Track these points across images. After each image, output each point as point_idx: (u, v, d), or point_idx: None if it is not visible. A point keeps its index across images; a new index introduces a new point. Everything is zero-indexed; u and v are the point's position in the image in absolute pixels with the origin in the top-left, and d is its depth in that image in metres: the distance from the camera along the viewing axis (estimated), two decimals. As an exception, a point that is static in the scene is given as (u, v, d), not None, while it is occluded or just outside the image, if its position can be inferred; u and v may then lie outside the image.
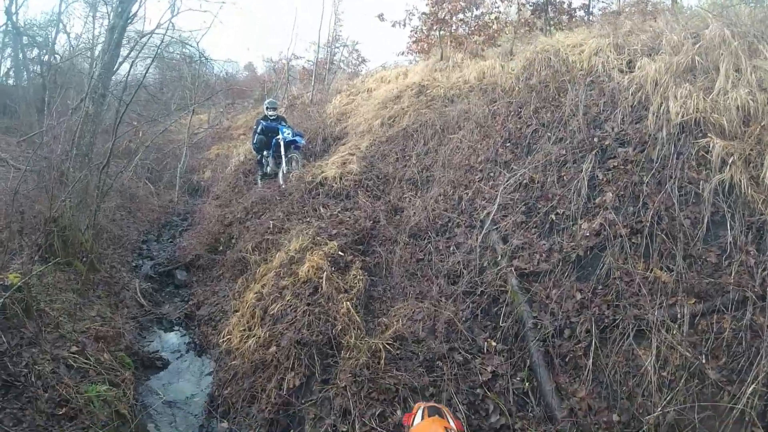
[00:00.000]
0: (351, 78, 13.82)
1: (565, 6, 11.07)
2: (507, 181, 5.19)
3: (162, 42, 9.68)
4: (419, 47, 11.60)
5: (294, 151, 8.59)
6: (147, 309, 6.28)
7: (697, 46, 5.05)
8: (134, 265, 7.86)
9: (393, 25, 11.50)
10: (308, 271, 4.96)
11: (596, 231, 4.16)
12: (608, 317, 3.66)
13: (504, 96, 6.98)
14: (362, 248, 5.59)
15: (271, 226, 6.54)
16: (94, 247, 6.30)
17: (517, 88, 6.84)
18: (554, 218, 4.52)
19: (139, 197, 11.30)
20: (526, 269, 4.27)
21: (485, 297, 4.29)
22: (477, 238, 4.79)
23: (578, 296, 3.86)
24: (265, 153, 9.22)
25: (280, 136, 8.71)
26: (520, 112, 6.26)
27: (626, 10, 11.57)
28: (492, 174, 5.64)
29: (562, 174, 4.84)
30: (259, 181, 9.37)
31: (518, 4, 10.74)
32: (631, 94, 5.04)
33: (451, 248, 5.06)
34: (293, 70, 17.53)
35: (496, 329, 4.06)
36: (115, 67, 7.97)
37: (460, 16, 11.53)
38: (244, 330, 4.86)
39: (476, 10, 11.71)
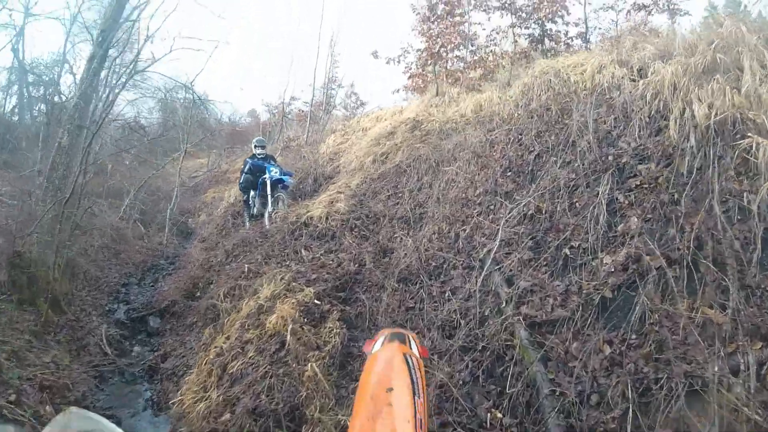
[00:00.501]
0: (348, 119, 13.31)
1: (562, 35, 10.60)
2: (509, 212, 4.38)
3: (141, 76, 9.17)
4: (414, 83, 11.08)
5: (281, 190, 7.92)
6: (111, 358, 5.58)
7: (714, 45, 4.34)
8: (108, 309, 7.29)
9: (387, 62, 11.05)
10: (276, 322, 4.15)
11: (623, 265, 3.31)
12: (648, 376, 2.73)
13: (502, 124, 6.28)
14: (344, 295, 4.74)
15: (246, 270, 5.76)
16: (65, 287, 5.82)
17: (516, 115, 6.15)
18: (568, 253, 3.67)
19: (128, 238, 10.81)
20: (537, 317, 3.38)
21: (488, 354, 3.38)
22: (476, 281, 3.93)
23: (607, 350, 2.96)
24: (252, 193, 8.56)
25: (266, 175, 8.06)
26: (521, 138, 5.52)
27: (624, 35, 11.10)
28: (492, 206, 4.84)
29: (574, 200, 4.02)
30: (247, 223, 8.69)
31: (514, 35, 10.26)
32: (646, 103, 4.29)
33: (446, 294, 4.20)
34: (291, 112, 17.21)
35: (501, 396, 3.12)
36: (100, 100, 7.47)
37: (456, 52, 11.11)
38: (198, 391, 4.00)
39: (471, 45, 11.29)
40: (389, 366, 1.34)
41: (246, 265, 5.82)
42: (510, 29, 10.31)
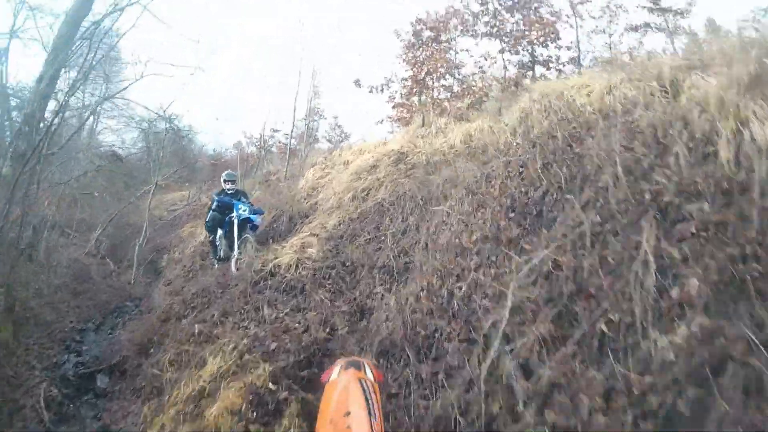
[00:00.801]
0: (330, 152, 12.40)
1: (553, 60, 9.87)
2: (519, 270, 3.37)
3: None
4: (399, 114, 10.23)
5: (249, 231, 6.91)
6: (46, 426, 4.64)
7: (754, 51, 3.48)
8: (55, 361, 6.18)
9: (370, 91, 10.21)
10: (218, 415, 3.09)
11: (685, 350, 2.32)
12: None
13: (499, 156, 5.36)
14: (308, 374, 3.67)
15: (196, 332, 4.69)
16: (4, 336, 5.34)
17: (514, 144, 5.24)
18: (606, 329, 2.65)
19: (93, 276, 9.70)
20: (570, 429, 2.34)
21: (502, 484, 2.33)
22: (480, 365, 2.89)
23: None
24: (219, 233, 7.53)
25: (234, 214, 7.06)
26: (523, 172, 4.58)
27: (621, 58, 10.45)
28: (493, 258, 3.84)
29: (605, 254, 3.03)
30: (216, 264, 7.63)
31: (504, 61, 9.50)
32: (687, 124, 3.37)
33: (440, 378, 3.14)
34: (272, 144, 16.37)
35: None
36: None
37: (442, 81, 10.33)
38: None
39: (458, 74, 10.51)
40: (345, 392, 1.39)
41: (197, 326, 4.75)
42: (499, 54, 9.56)
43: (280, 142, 16.19)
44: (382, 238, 5.45)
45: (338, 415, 1.28)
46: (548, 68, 9.86)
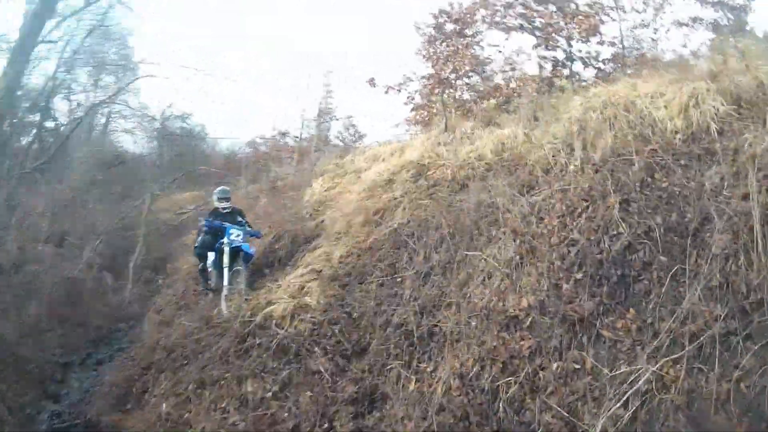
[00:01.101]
0: (341, 155, 11.23)
1: (593, 58, 8.58)
2: (601, 380, 2.22)
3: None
4: (418, 116, 9.03)
5: (242, 263, 5.84)
6: None
7: None
8: (29, 412, 5.19)
9: (386, 91, 9.01)
10: None
11: None
12: None
13: (547, 179, 4.19)
14: None
15: (163, 412, 3.63)
16: None
17: (571, 167, 4.04)
18: None
19: (84, 295, 8.52)
20: None
21: None
22: None
23: None
24: (210, 259, 6.46)
25: (225, 240, 5.99)
26: (589, 208, 3.41)
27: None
28: (557, 342, 2.70)
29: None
30: (210, 293, 6.54)
31: (539, 58, 8.25)
32: None
33: None
34: (279, 148, 15.29)
35: None
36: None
37: (467, 79, 9.08)
38: None
39: (485, 71, 9.26)
40: None
41: (164, 405, 3.68)
42: (534, 50, 8.30)
43: (288, 145, 15.12)
44: (399, 280, 4.31)
45: None
46: (587, 66, 8.59)
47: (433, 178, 6.01)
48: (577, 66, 8.94)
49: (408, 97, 8.91)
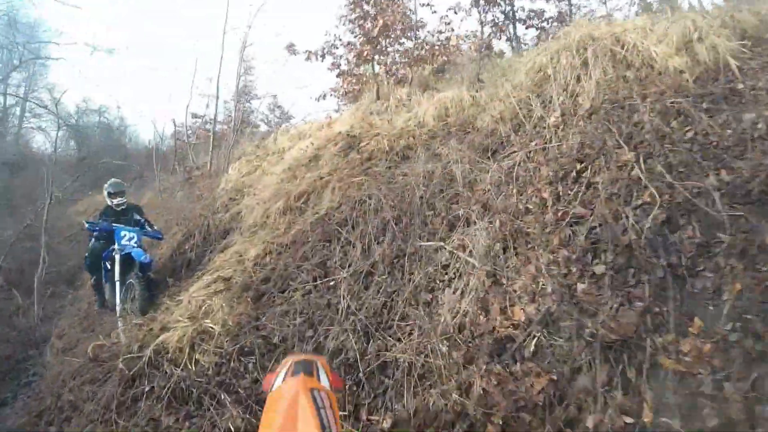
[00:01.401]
0: (264, 137, 9.77)
1: (534, 18, 7.75)
2: None
3: None
4: (347, 84, 7.78)
5: (136, 275, 4.48)
6: None
7: None
8: None
9: (307, 58, 7.71)
10: None
11: None
12: None
13: (517, 139, 3.17)
14: None
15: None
16: None
17: (551, 119, 3.03)
18: None
19: None
20: None
21: None
22: None
23: None
24: (104, 269, 5.05)
25: (116, 245, 4.58)
26: (587, 170, 2.41)
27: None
28: (583, 374, 1.67)
29: None
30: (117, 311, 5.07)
31: (480, 20, 7.26)
32: None
33: None
34: (192, 133, 13.52)
35: None
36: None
37: (397, 45, 7.96)
38: None
39: (418, 35, 8.19)
40: (293, 407, 0.98)
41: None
42: (472, 7, 7.31)
43: (201, 129, 13.36)
44: (332, 285, 3.15)
45: None
46: (528, 26, 7.76)
47: (366, 151, 4.90)
48: (519, 28, 8.14)
49: (333, 64, 7.64)
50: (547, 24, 7.81)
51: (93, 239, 5.18)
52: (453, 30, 7.48)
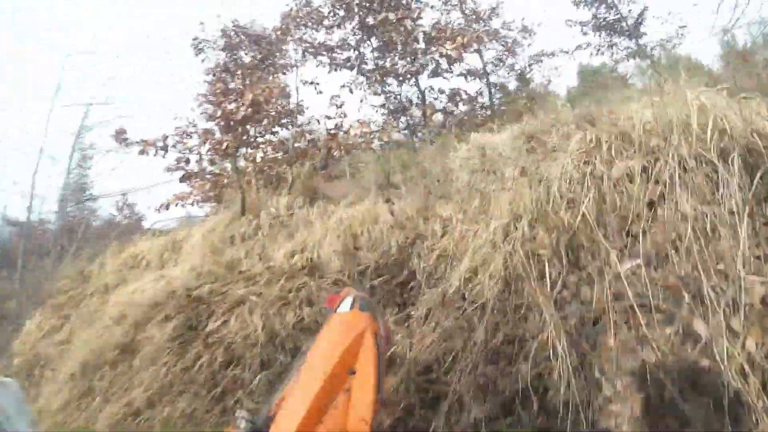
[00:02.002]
0: (92, 256, 6.79)
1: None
2: None
3: None
4: (200, 189, 5.38)
5: None
6: None
7: None
8: None
9: (142, 152, 5.24)
10: None
11: None
12: None
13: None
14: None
15: None
16: None
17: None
18: None
19: None
20: None
21: None
22: None
23: None
24: None
25: None
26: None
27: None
28: None
29: None
30: None
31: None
32: None
33: None
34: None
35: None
36: None
37: (269, 136, 5.83)
38: None
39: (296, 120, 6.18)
40: (359, 340, 1.03)
41: None
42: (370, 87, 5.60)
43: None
44: None
45: (341, 369, 0.94)
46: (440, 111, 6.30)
47: (222, 340, 2.63)
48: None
49: (178, 160, 5.32)
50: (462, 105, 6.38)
51: None
52: (345, 115, 5.61)
